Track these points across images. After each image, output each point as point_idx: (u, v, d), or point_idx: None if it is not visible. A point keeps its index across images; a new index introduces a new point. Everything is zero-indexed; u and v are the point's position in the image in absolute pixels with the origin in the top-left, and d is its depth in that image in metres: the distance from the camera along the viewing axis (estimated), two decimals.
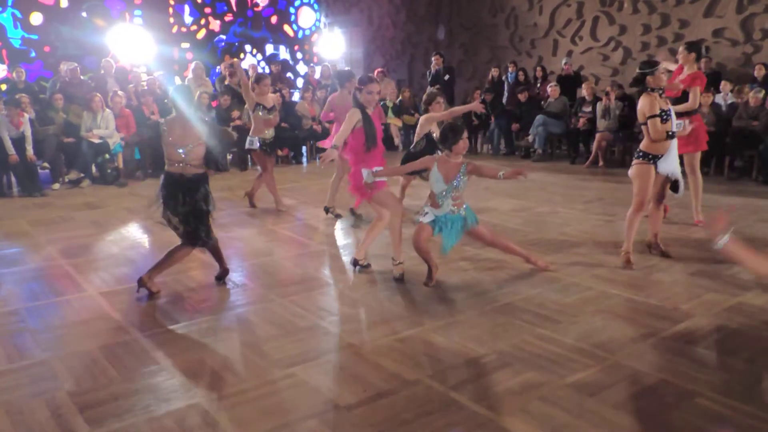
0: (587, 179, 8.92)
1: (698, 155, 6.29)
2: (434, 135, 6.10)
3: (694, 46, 6.31)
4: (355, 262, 5.07)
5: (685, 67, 6.18)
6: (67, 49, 11.80)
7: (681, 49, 6.30)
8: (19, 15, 11.44)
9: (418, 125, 6.43)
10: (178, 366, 3.45)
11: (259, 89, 7.10)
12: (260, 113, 7.00)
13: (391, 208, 4.82)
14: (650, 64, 5.02)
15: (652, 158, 4.93)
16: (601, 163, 9.90)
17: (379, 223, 5.00)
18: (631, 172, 5.06)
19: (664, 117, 4.88)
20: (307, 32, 15.49)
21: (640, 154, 5.01)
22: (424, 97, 6.60)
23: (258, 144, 7.03)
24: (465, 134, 4.49)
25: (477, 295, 4.47)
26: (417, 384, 3.21)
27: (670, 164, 4.99)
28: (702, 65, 9.65)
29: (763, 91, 8.71)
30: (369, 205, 5.07)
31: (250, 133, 7.10)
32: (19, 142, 8.23)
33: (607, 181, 8.81)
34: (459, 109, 6.96)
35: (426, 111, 6.41)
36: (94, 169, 9.24)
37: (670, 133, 4.90)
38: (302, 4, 15.31)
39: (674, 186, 5.19)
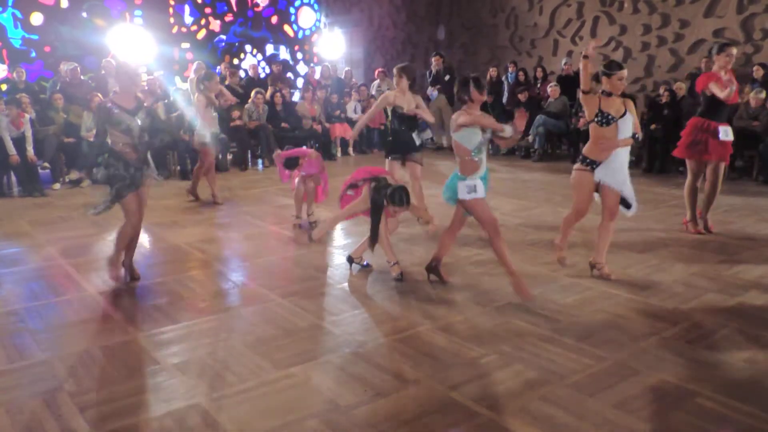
0: None
1: (722, 165, 5.87)
2: (402, 110, 6.05)
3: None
4: (350, 260, 5.08)
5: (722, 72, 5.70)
6: (67, 49, 11.79)
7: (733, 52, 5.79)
8: (19, 15, 11.43)
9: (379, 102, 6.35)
10: (178, 366, 3.45)
11: (210, 86, 7.43)
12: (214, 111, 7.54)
13: None
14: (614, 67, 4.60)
15: (590, 163, 4.66)
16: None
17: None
18: (570, 179, 4.81)
19: (602, 121, 4.59)
20: (308, 32, 15.49)
21: (580, 158, 4.76)
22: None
23: (208, 137, 7.43)
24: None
25: (477, 295, 4.47)
26: (417, 384, 3.21)
27: (612, 175, 4.64)
28: (703, 65, 9.70)
29: (764, 92, 8.71)
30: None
31: (199, 128, 7.45)
32: (19, 143, 8.24)
33: None
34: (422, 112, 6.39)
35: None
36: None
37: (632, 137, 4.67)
38: (302, 4, 15.30)
39: (625, 203, 4.78)
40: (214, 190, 7.70)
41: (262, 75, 13.31)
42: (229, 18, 14.09)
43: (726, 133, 5.80)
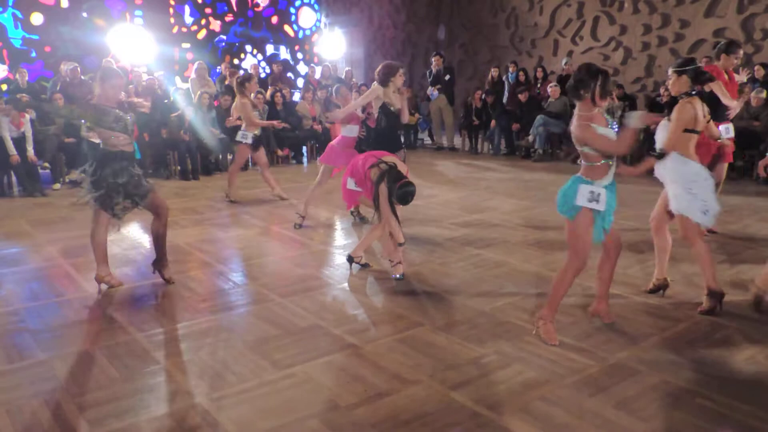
0: None
1: (725, 165, 5.89)
2: (393, 108, 5.86)
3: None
4: (350, 259, 5.08)
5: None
6: (67, 49, 11.79)
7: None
8: (19, 15, 11.43)
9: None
10: (178, 366, 3.45)
11: (251, 87, 7.65)
12: (256, 112, 7.76)
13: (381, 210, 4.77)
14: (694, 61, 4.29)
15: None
16: None
17: (380, 225, 4.98)
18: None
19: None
20: (308, 32, 15.49)
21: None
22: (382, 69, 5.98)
23: (251, 139, 7.61)
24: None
25: (477, 295, 4.47)
26: (417, 384, 3.21)
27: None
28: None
29: (765, 91, 8.71)
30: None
31: (244, 128, 7.63)
32: (19, 143, 8.25)
33: None
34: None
35: (385, 85, 5.90)
36: None
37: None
38: (303, 4, 15.29)
39: None
40: (229, 188, 7.85)
41: (263, 75, 13.31)
42: (229, 18, 14.08)
43: (727, 130, 5.79)
